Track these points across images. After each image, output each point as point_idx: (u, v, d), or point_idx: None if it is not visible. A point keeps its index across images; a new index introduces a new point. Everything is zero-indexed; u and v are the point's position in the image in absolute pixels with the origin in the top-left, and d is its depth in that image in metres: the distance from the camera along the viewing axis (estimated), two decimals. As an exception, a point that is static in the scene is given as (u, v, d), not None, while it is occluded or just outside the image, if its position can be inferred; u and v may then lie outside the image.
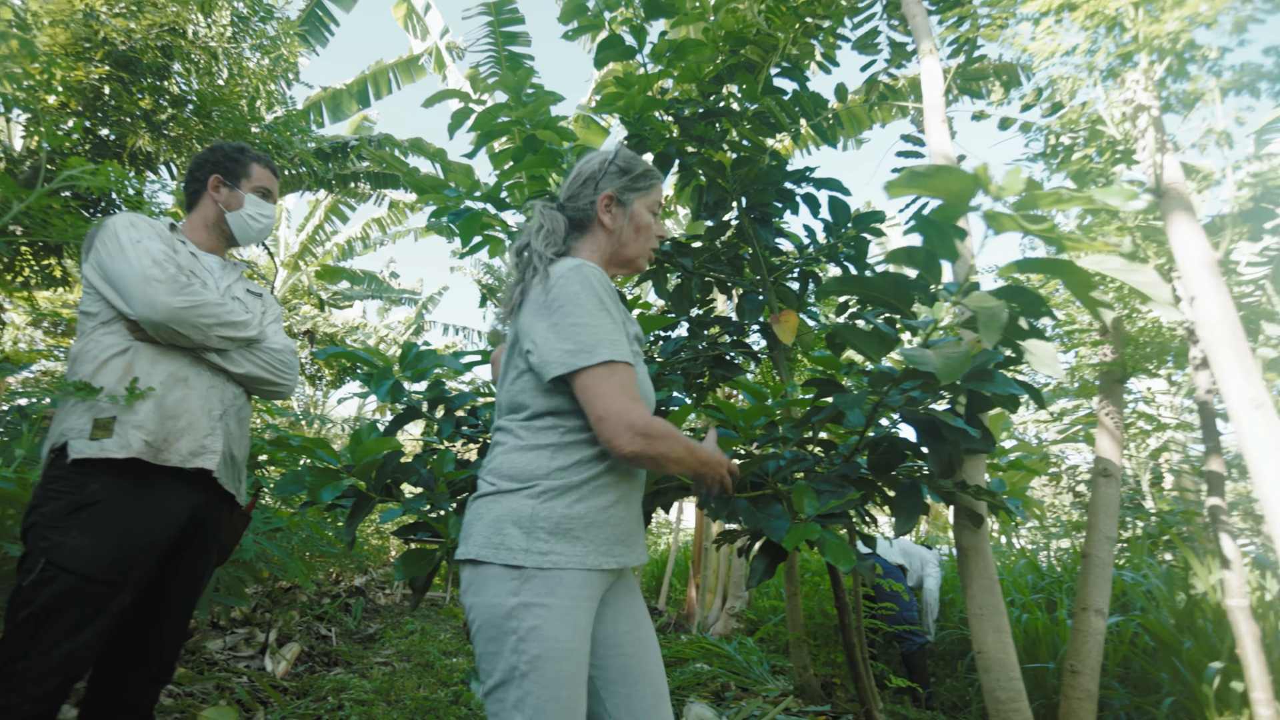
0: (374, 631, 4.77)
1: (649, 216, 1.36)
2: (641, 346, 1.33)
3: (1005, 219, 1.09)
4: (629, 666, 1.23)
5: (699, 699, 3.05)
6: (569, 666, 1.08)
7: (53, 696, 1.34)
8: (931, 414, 1.76)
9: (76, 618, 1.36)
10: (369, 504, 1.80)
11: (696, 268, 2.96)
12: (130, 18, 5.21)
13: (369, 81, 7.37)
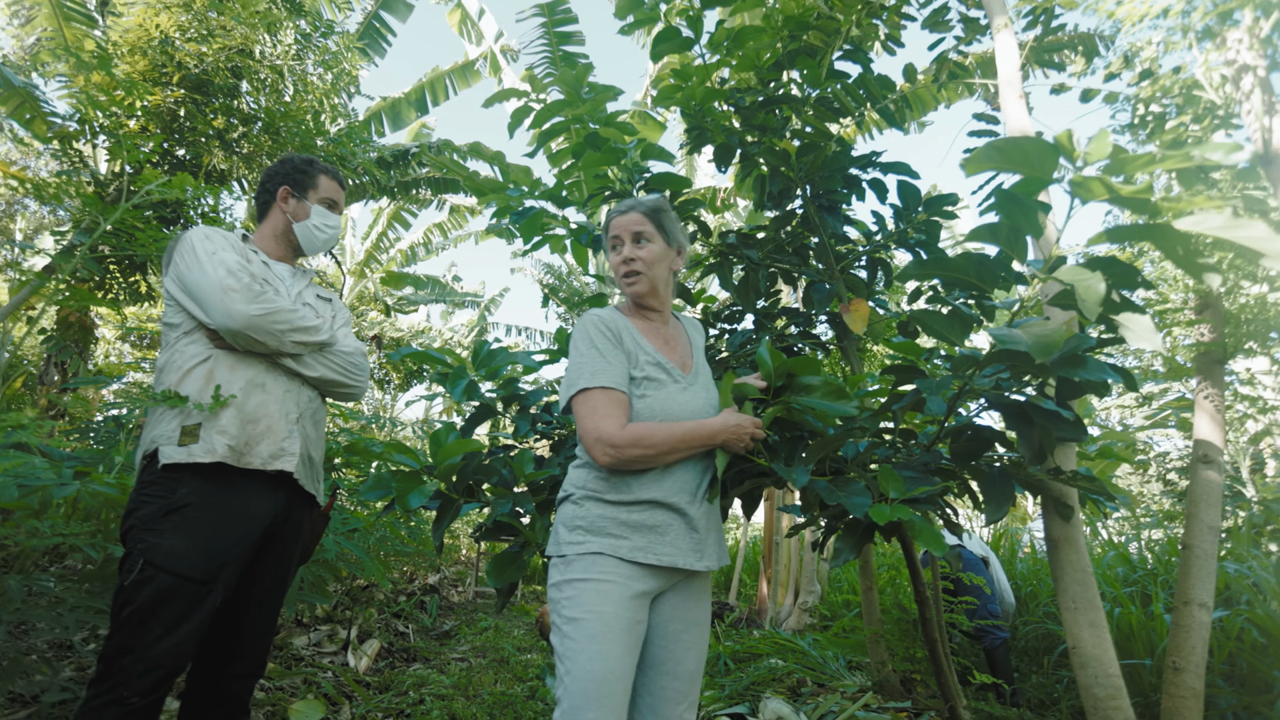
0: (449, 628, 4.89)
1: (612, 258, 1.64)
2: (668, 371, 1.52)
3: (1094, 185, 1.03)
4: (659, 657, 1.43)
5: (775, 694, 3.01)
6: (597, 626, 1.31)
7: (157, 689, 1.42)
8: (1019, 399, 1.69)
9: (175, 614, 1.45)
10: (453, 506, 1.83)
11: (761, 259, 2.92)
12: (202, 42, 5.44)
13: (426, 89, 7.53)
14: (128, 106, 5.23)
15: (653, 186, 2.81)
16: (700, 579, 1.54)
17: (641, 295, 1.61)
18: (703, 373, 1.62)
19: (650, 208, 1.63)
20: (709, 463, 1.49)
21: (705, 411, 1.51)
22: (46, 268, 5.07)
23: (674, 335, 1.66)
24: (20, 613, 1.79)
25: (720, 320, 3.22)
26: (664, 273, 1.63)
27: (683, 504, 1.43)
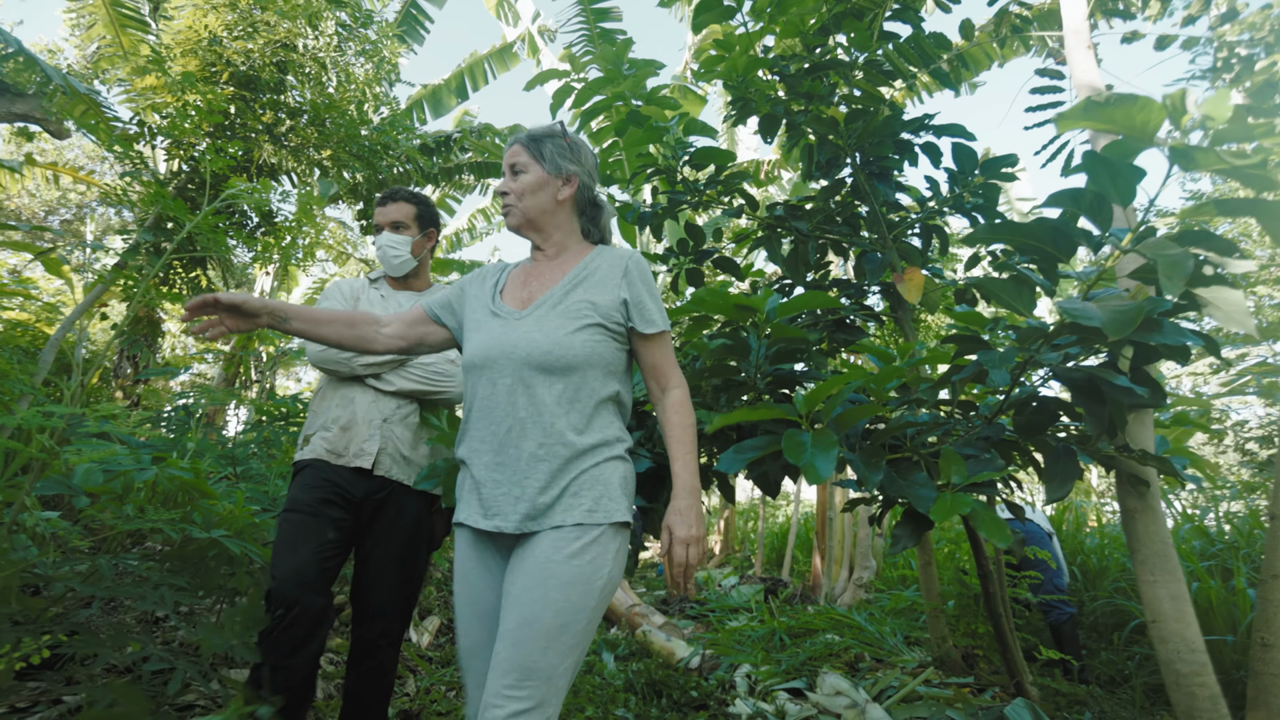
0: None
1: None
2: (495, 313, 1.47)
3: (1201, 155, 0.95)
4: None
5: (832, 669, 3.00)
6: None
7: (294, 605, 1.80)
8: (1089, 371, 1.62)
9: (293, 538, 1.88)
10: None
11: (810, 230, 2.86)
12: (248, 39, 5.54)
13: (465, 74, 7.56)
14: (181, 107, 5.39)
15: (697, 162, 2.77)
16: (540, 539, 1.31)
17: (517, 228, 1.55)
18: (547, 305, 1.44)
19: (529, 136, 1.56)
20: (515, 422, 1.36)
21: (511, 343, 1.38)
22: (116, 266, 5.28)
23: (546, 272, 1.54)
24: (111, 590, 1.89)
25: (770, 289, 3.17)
26: (543, 202, 1.52)
27: (471, 460, 1.39)
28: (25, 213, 13.43)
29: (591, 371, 1.40)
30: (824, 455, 1.39)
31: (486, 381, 1.40)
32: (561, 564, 1.27)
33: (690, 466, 1.37)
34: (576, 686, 3.09)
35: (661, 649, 3.57)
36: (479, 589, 1.37)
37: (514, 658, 1.21)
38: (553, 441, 1.34)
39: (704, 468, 2.25)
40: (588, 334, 1.40)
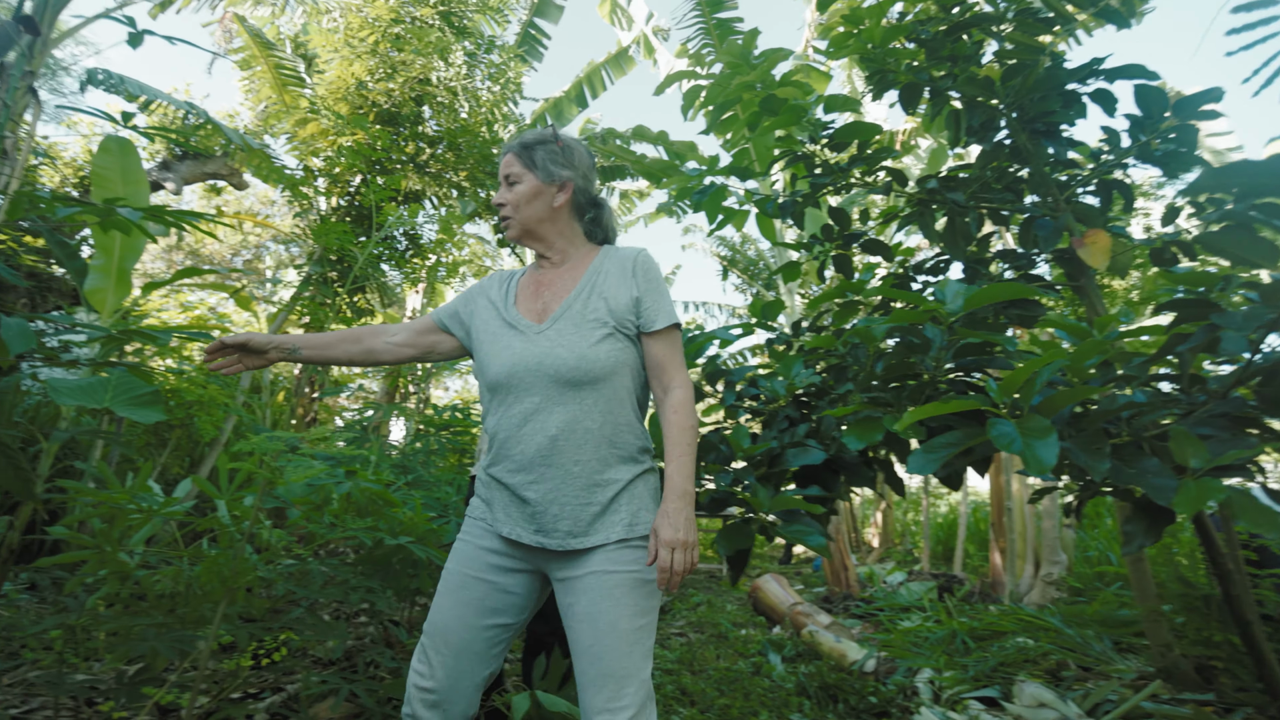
0: (664, 604, 5.03)
1: None
2: (511, 325, 1.46)
3: None
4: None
5: (1030, 677, 2.75)
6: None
7: None
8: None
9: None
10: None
11: (967, 201, 2.64)
12: (388, 79, 5.93)
13: (584, 84, 7.72)
14: (337, 150, 5.87)
15: (840, 139, 2.64)
16: (590, 556, 1.34)
17: (516, 239, 1.54)
18: (566, 317, 1.42)
19: (521, 144, 1.53)
20: (550, 436, 1.35)
21: (536, 360, 1.38)
22: (292, 297, 5.84)
23: (557, 282, 1.51)
24: (320, 591, 2.06)
25: (923, 273, 2.97)
26: (539, 211, 1.51)
27: (506, 478, 1.40)
28: (216, 257, 15.22)
29: (618, 379, 1.40)
30: (1043, 442, 1.25)
31: (514, 399, 1.40)
32: (621, 574, 1.32)
33: (685, 470, 1.35)
34: (747, 689, 3.03)
35: (831, 650, 3.43)
36: (477, 578, 1.40)
37: (605, 669, 1.26)
38: (588, 457, 1.36)
39: (866, 460, 2.13)
40: (610, 344, 1.40)
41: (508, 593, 1.41)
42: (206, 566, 1.70)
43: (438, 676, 1.37)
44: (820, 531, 1.80)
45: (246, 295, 7.71)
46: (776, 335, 2.66)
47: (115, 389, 3.84)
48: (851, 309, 2.64)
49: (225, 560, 1.70)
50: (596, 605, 1.30)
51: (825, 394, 2.32)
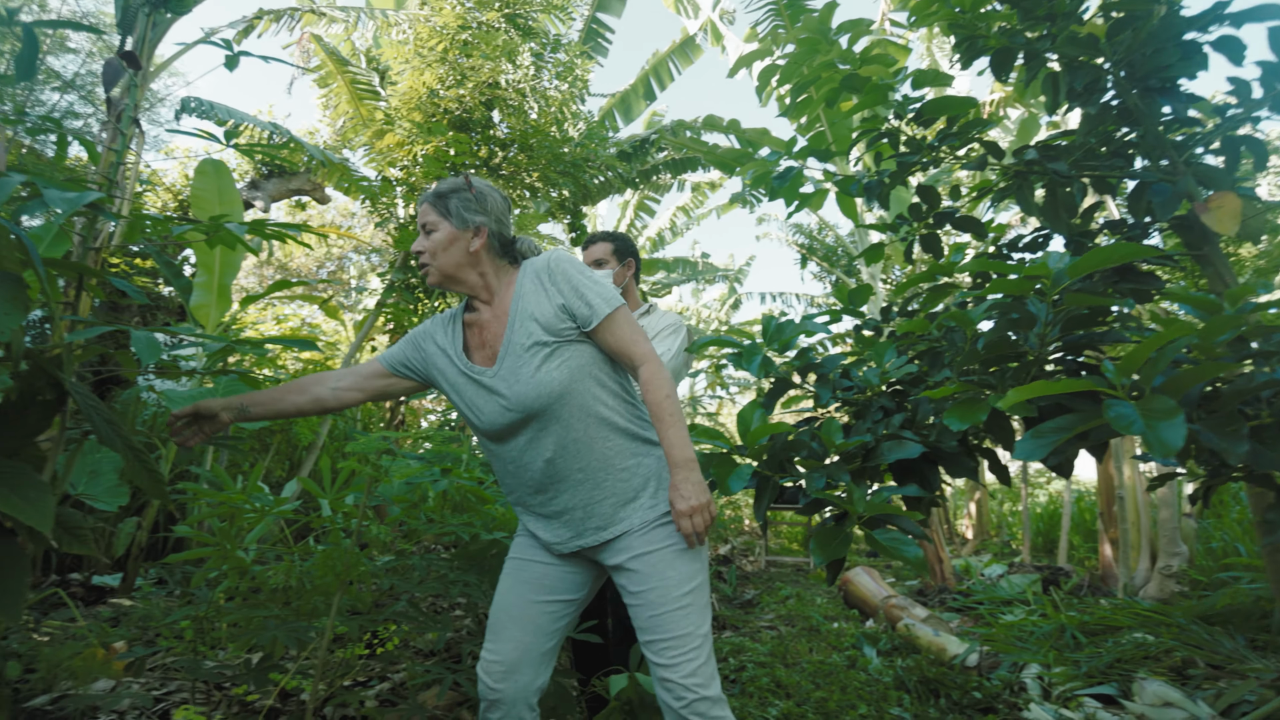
0: (751, 597, 4.98)
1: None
2: (470, 376, 1.54)
3: None
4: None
5: (1151, 675, 2.58)
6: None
7: None
8: None
9: None
10: (769, 484, 1.80)
11: (1070, 170, 2.48)
12: (458, 85, 6.05)
13: (650, 75, 7.69)
14: (411, 159, 6.04)
15: (929, 114, 2.52)
16: (627, 540, 1.48)
17: (437, 284, 1.59)
18: (509, 352, 1.49)
19: (434, 194, 1.60)
20: (544, 445, 1.48)
21: (503, 405, 1.47)
22: (377, 304, 6.05)
23: (494, 319, 1.58)
24: (422, 585, 2.13)
25: (1018, 249, 2.81)
26: (456, 257, 1.56)
27: (525, 510, 1.58)
28: (303, 270, 15.99)
29: (581, 385, 1.48)
30: (1168, 424, 1.15)
31: (503, 443, 1.52)
32: (659, 550, 1.45)
33: (678, 439, 1.43)
34: (844, 682, 2.96)
35: (930, 644, 3.32)
36: (533, 561, 1.57)
37: (665, 635, 1.40)
38: (587, 461, 1.47)
39: (966, 449, 2.03)
40: (556, 359, 1.46)
41: (564, 572, 1.56)
42: (321, 561, 1.78)
43: (504, 650, 1.50)
44: (918, 538, 1.72)
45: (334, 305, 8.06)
46: (865, 322, 2.57)
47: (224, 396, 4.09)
48: (943, 291, 2.53)
49: (338, 555, 1.77)
50: (645, 584, 1.44)
51: (920, 382, 2.22)
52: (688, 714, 1.38)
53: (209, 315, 5.13)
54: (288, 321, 8.88)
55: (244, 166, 9.26)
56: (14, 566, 1.14)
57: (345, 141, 7.25)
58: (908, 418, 2.04)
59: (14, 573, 1.13)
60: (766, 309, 10.68)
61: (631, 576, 1.46)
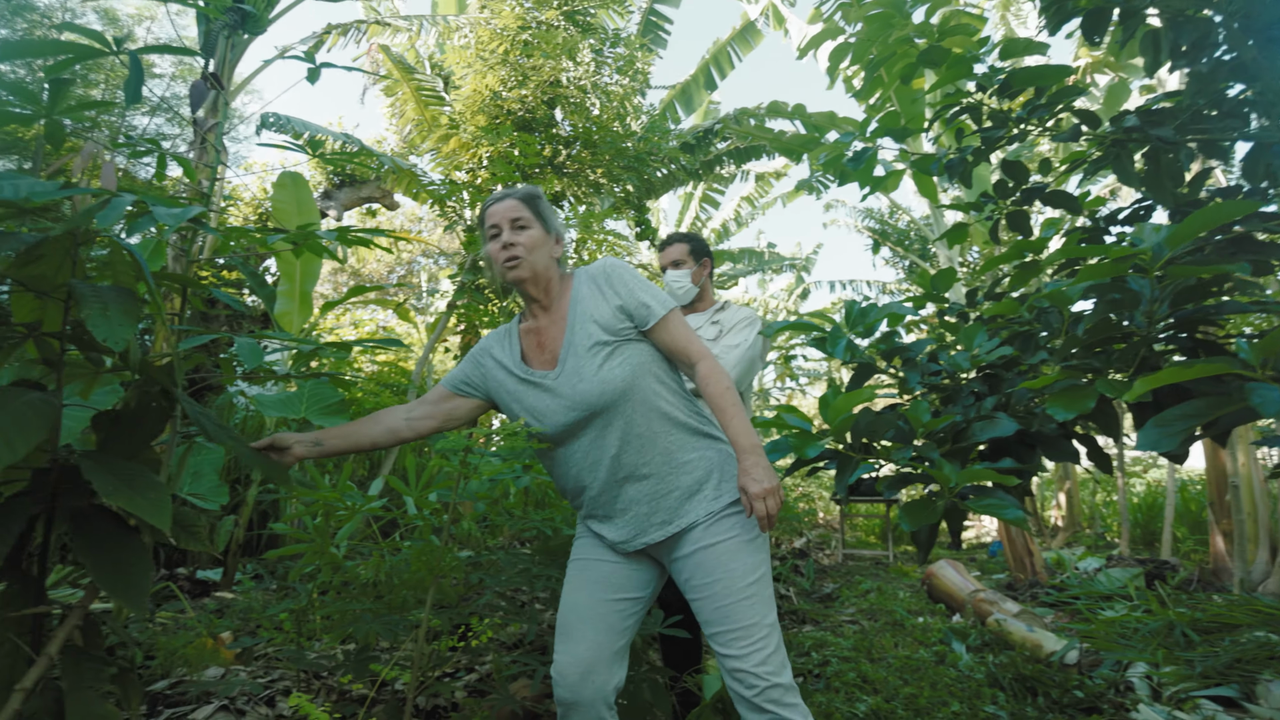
0: (831, 590, 4.88)
1: (490, 248, 1.62)
2: (530, 381, 1.58)
3: None
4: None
5: (1278, 677, 2.40)
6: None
7: None
8: None
9: None
10: (850, 462, 1.75)
11: (1175, 135, 2.31)
12: (520, 86, 6.11)
13: (711, 64, 7.60)
14: (477, 161, 6.14)
15: (1017, 85, 2.39)
16: (690, 534, 1.50)
17: (522, 281, 1.59)
18: (571, 354, 1.54)
19: (525, 194, 1.64)
20: (598, 437, 1.51)
21: (567, 405, 1.51)
22: (448, 305, 6.19)
23: (552, 324, 1.62)
24: (507, 580, 2.16)
25: (1117, 223, 2.65)
26: (544, 259, 1.61)
27: (591, 510, 1.58)
28: (375, 275, 16.54)
29: (642, 381, 1.52)
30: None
31: (563, 439, 1.54)
32: (724, 541, 1.47)
33: (743, 427, 1.48)
34: (933, 679, 2.87)
35: (1024, 640, 3.17)
36: (599, 560, 1.57)
37: (732, 627, 1.42)
38: (650, 456, 1.50)
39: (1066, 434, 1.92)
40: (618, 357, 1.51)
41: (630, 570, 1.57)
42: (416, 556, 1.83)
43: (578, 651, 1.50)
44: (1017, 504, 1.64)
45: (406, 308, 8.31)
46: (949, 306, 2.47)
47: (309, 400, 4.24)
48: (1031, 270, 2.41)
49: (431, 551, 1.81)
50: (711, 575, 1.45)
51: (1013, 365, 2.12)
52: (761, 702, 1.38)
53: (292, 321, 5.35)
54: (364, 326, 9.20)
55: (317, 178, 9.63)
56: (139, 561, 1.20)
57: (412, 148, 7.43)
58: (1001, 403, 1.95)
59: (139, 567, 1.19)
60: (836, 298, 10.44)
61: (697, 570, 1.47)
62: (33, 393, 1.09)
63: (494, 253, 1.61)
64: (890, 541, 6.52)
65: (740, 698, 1.41)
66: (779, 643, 1.45)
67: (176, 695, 2.39)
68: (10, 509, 1.18)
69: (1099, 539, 7.32)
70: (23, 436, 0.99)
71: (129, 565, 1.18)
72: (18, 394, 1.06)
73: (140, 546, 1.22)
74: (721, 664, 1.44)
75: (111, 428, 1.36)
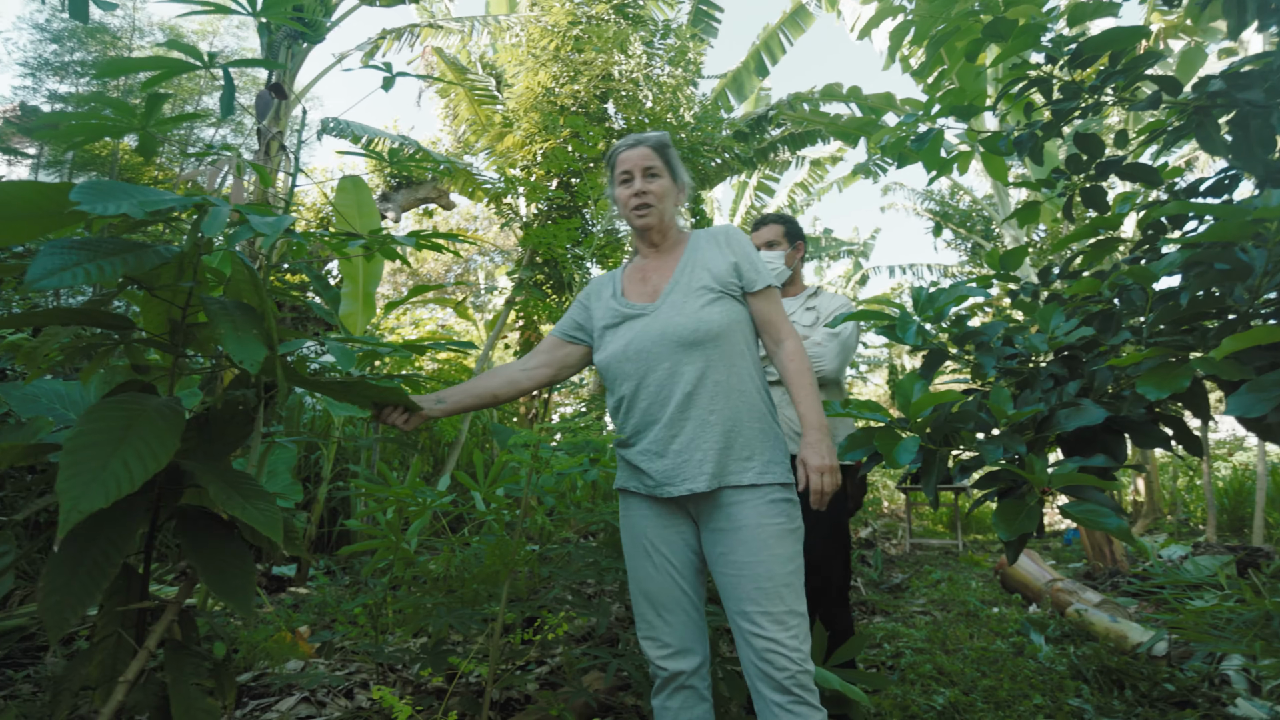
0: (900, 581, 4.79)
1: (619, 192, 1.69)
2: (624, 313, 1.64)
3: None
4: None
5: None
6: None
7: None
8: None
9: None
10: (935, 458, 1.71)
11: (1265, 97, 2.18)
12: (572, 81, 6.14)
13: (761, 50, 7.50)
14: (531, 157, 6.20)
15: (1089, 53, 2.29)
16: (739, 510, 1.51)
17: (650, 228, 1.66)
18: (675, 291, 1.60)
19: (657, 143, 1.68)
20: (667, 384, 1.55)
21: (658, 331, 1.55)
22: (506, 302, 6.29)
23: (662, 266, 1.68)
24: (577, 572, 2.19)
25: (1197, 194, 2.51)
26: (670, 208, 1.68)
27: (647, 442, 1.57)
28: (433, 274, 16.91)
29: (734, 336, 1.57)
30: None
31: (644, 369, 1.55)
32: (769, 525, 1.48)
33: (814, 406, 1.54)
34: (1013, 670, 2.80)
35: (1107, 631, 3.06)
36: (659, 542, 1.57)
37: (772, 606, 1.44)
38: (721, 405, 1.51)
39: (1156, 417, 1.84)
40: (720, 305, 1.57)
41: (686, 543, 1.58)
42: (491, 550, 1.86)
43: (664, 632, 1.54)
44: (1115, 510, 1.58)
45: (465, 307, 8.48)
46: (1021, 286, 2.40)
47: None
48: (1106, 246, 2.32)
49: (505, 545, 1.85)
50: (754, 555, 1.46)
51: (1094, 346, 2.04)
52: (790, 685, 1.41)
53: (356, 322, 5.52)
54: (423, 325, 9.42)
55: (374, 180, 9.89)
56: (242, 561, 1.25)
57: (467, 147, 7.55)
58: (1083, 385, 1.88)
59: (242, 569, 1.24)
60: (895, 283, 10.19)
61: (740, 545, 1.49)
62: (155, 398, 1.14)
63: (623, 198, 1.68)
64: (959, 530, 6.35)
65: (767, 678, 1.43)
66: (808, 632, 1.49)
67: (260, 687, 2.49)
68: (127, 509, 1.21)
69: (1182, 525, 6.97)
70: (164, 445, 1.04)
71: (233, 565, 1.23)
72: (144, 400, 1.11)
73: (241, 546, 1.27)
74: (749, 644, 1.45)
75: (201, 431, 1.41)
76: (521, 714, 2.16)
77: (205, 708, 1.27)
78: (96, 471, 0.97)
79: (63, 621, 1.08)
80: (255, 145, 5.40)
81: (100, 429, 1.02)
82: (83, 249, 1.02)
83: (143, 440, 1.03)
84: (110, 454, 0.99)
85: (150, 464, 1.01)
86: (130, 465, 1.00)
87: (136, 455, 1.01)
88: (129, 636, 1.33)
